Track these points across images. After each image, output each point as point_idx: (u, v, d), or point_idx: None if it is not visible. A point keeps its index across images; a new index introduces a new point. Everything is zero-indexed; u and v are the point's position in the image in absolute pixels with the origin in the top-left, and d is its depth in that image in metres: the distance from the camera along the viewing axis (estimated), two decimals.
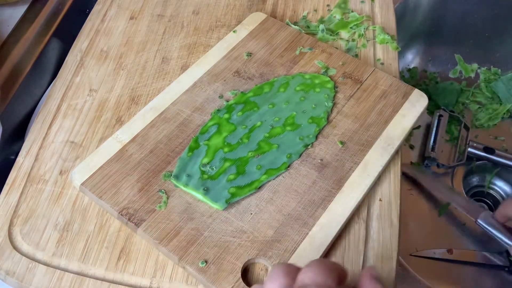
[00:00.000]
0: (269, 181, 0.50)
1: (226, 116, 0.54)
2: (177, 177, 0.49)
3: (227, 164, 0.50)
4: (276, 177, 0.50)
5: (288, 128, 0.54)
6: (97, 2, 0.72)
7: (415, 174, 0.79)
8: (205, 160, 0.51)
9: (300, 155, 0.52)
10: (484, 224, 0.69)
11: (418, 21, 0.93)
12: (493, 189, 0.82)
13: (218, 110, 0.55)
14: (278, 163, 0.51)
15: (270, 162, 0.51)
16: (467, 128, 0.86)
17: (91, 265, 0.47)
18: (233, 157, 0.51)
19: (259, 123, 0.54)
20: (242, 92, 0.57)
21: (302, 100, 0.56)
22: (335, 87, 0.57)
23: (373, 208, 0.50)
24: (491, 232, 0.69)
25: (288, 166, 0.51)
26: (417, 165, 0.81)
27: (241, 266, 0.44)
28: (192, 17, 0.69)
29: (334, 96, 0.56)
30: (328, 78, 0.58)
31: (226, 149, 0.52)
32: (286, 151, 0.52)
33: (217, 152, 0.51)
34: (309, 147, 0.52)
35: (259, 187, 0.49)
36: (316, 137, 0.53)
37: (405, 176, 0.80)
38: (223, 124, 0.54)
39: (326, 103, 0.55)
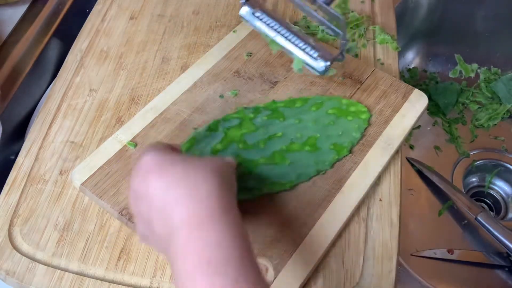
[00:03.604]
0: (268, 193, 0.49)
1: (251, 115, 0.53)
2: (188, 148, 0.49)
3: (237, 160, 0.49)
4: (277, 192, 0.49)
5: (307, 148, 0.51)
6: (97, 2, 0.72)
7: (421, 168, 0.79)
8: (219, 147, 0.50)
9: (309, 179, 0.50)
10: (483, 222, 0.69)
11: (418, 21, 0.93)
12: (493, 189, 0.82)
13: (246, 108, 0.54)
14: (285, 179, 0.49)
15: (277, 175, 0.49)
16: None
17: (91, 265, 0.47)
18: (245, 156, 0.50)
19: (280, 133, 0.52)
20: (273, 100, 0.55)
21: (331, 124, 0.53)
22: (369, 120, 0.54)
23: (373, 208, 0.50)
24: (491, 231, 0.69)
25: (293, 186, 0.49)
26: None
27: None
28: (192, 17, 0.69)
29: (366, 129, 0.53)
30: (365, 109, 0.55)
31: (241, 145, 0.51)
32: (297, 171, 0.50)
33: (231, 144, 0.51)
34: (322, 173, 0.50)
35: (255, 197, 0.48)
36: (332, 166, 0.51)
37: (411, 164, 0.80)
38: (246, 121, 0.52)
39: (354, 134, 0.52)
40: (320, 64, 0.47)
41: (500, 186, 0.82)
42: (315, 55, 0.47)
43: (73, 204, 0.51)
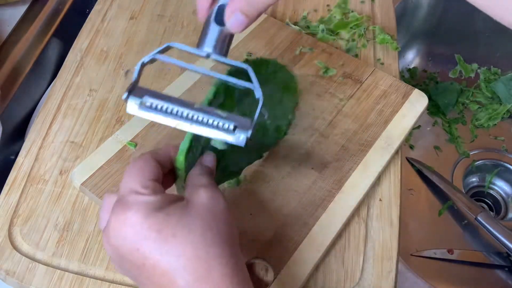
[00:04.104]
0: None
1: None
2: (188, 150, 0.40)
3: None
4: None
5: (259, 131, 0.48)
6: (97, 2, 0.72)
7: (421, 168, 0.79)
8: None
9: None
10: (483, 222, 0.69)
11: (418, 21, 0.93)
12: (493, 189, 0.82)
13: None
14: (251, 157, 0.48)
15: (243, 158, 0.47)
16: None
17: (91, 265, 0.47)
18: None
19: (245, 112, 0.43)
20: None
21: (277, 102, 0.50)
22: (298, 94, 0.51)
23: (373, 208, 0.50)
24: (491, 231, 0.69)
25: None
26: None
27: None
28: (192, 17, 0.69)
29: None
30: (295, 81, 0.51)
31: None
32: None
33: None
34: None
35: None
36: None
37: (411, 164, 0.80)
38: (228, 97, 0.43)
39: (290, 116, 0.50)
40: (240, 138, 0.36)
41: (500, 186, 0.82)
42: (231, 127, 0.36)
43: (73, 204, 0.51)
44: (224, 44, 0.39)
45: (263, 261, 0.45)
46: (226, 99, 0.41)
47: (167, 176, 0.38)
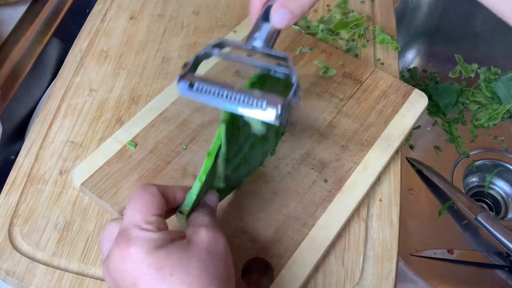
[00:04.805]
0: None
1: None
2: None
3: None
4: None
5: (259, 142, 0.47)
6: (97, 2, 0.72)
7: (421, 168, 0.79)
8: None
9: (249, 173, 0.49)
10: (483, 222, 0.69)
11: (418, 21, 0.93)
12: (493, 189, 0.82)
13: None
14: (238, 181, 0.48)
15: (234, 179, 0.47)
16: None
17: (91, 265, 0.47)
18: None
19: (250, 132, 0.43)
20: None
21: None
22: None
23: (373, 208, 0.50)
24: (491, 231, 0.69)
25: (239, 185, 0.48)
26: None
27: (241, 266, 0.44)
28: (192, 17, 0.69)
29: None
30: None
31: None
32: (248, 169, 0.48)
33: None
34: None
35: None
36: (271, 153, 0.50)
37: (411, 164, 0.80)
38: (235, 126, 0.42)
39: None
40: (270, 114, 0.37)
41: (500, 186, 0.82)
42: (264, 105, 0.37)
43: (73, 204, 0.51)
44: (271, 39, 0.43)
45: (263, 261, 0.45)
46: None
47: (169, 211, 0.38)
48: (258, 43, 0.43)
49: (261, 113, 0.38)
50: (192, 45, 0.65)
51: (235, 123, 0.40)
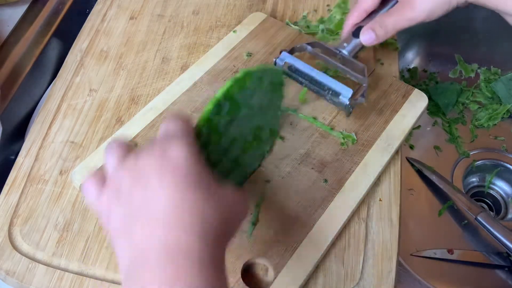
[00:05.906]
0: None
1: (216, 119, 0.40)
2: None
3: None
4: None
5: (255, 143, 0.44)
6: (97, 2, 0.72)
7: (421, 168, 0.79)
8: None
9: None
10: (483, 222, 0.69)
11: None
12: (493, 189, 0.82)
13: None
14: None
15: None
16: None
17: (91, 265, 0.47)
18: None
19: (237, 135, 0.41)
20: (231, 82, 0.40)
21: (267, 104, 0.44)
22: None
23: (373, 208, 0.50)
24: (491, 231, 0.69)
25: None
26: None
27: (241, 266, 0.44)
28: (192, 17, 0.69)
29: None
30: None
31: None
32: (244, 172, 0.46)
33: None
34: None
35: None
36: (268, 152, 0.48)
37: (411, 164, 0.80)
38: (213, 132, 0.39)
39: (279, 112, 0.46)
40: (342, 100, 0.52)
41: (500, 186, 0.82)
42: (343, 90, 0.53)
43: (73, 204, 0.51)
44: (355, 51, 0.55)
45: (263, 260, 0.45)
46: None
47: None
48: (345, 51, 0.54)
49: (333, 98, 0.53)
50: (192, 45, 0.65)
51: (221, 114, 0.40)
